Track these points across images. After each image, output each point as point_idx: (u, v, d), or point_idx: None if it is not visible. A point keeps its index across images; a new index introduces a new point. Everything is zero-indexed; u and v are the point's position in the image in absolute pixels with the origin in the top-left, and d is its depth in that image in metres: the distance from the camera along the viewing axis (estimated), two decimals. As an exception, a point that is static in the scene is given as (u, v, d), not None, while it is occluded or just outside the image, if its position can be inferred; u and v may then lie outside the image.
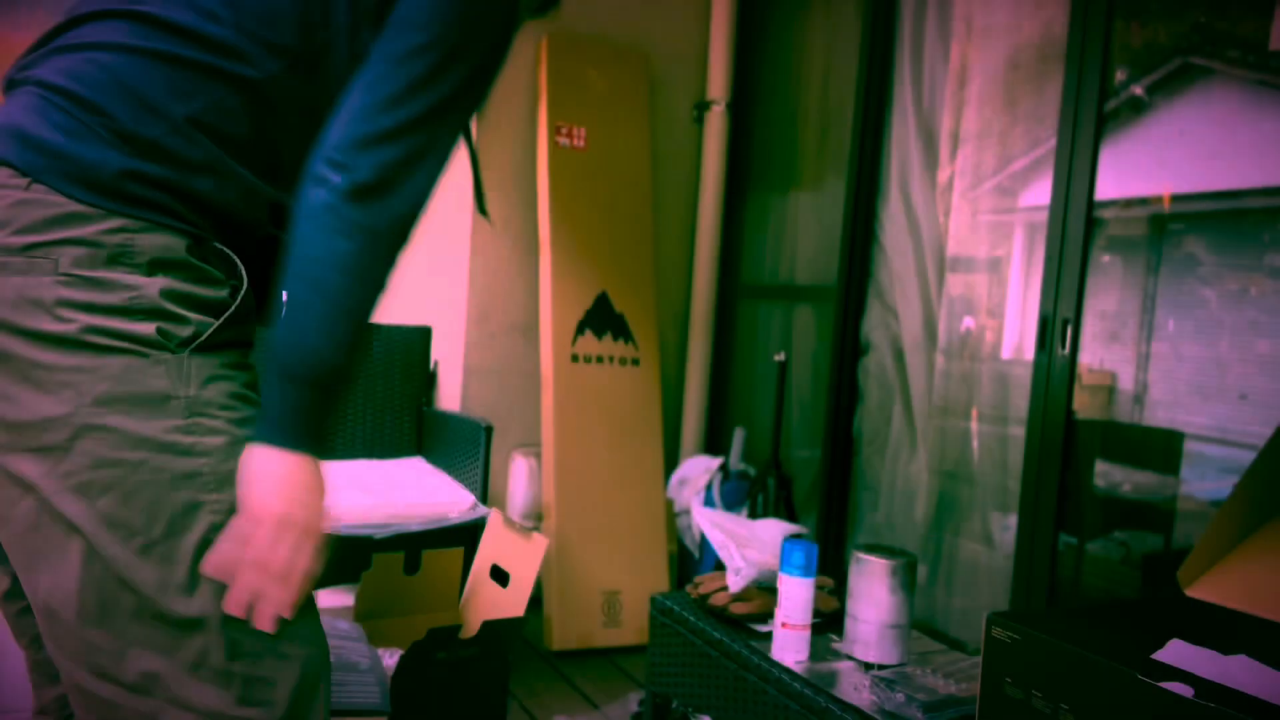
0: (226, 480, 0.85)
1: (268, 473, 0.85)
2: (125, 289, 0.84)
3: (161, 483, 0.82)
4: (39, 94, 0.89)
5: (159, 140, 0.87)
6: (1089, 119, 2.06)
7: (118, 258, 0.84)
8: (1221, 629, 1.13)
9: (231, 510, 0.84)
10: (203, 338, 0.87)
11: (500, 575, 1.82)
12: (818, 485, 2.90)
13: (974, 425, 2.47)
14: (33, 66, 0.93)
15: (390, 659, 1.53)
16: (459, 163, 1.64)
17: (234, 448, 0.86)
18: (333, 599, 2.78)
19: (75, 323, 0.82)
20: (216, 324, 0.88)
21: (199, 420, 0.85)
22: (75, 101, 0.87)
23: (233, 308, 0.91)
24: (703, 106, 3.31)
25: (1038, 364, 2.15)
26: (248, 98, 0.92)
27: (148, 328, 0.84)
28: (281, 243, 0.96)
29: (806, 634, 1.40)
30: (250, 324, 0.96)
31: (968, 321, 2.53)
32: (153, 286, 0.85)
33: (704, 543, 2.92)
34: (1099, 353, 2.11)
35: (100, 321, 0.82)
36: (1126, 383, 2.09)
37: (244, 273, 0.94)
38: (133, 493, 0.81)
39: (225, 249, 0.92)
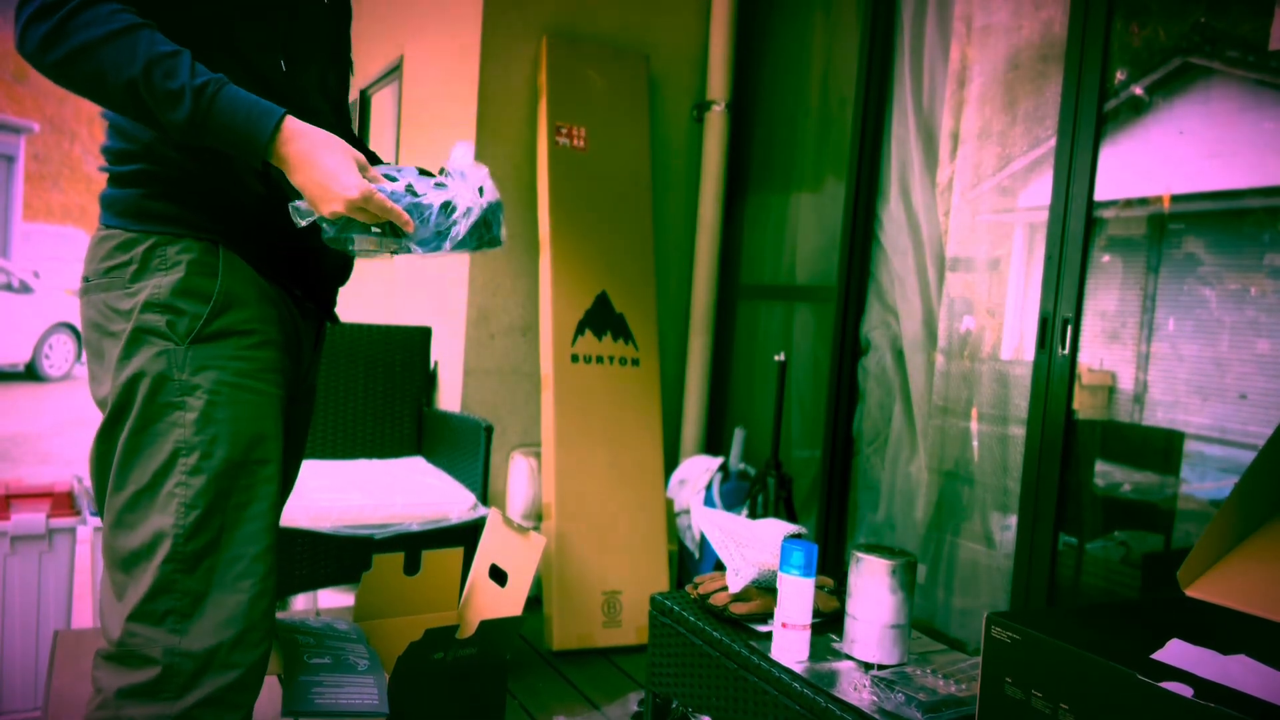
0: (196, 446, 1.15)
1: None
2: (151, 288, 1.15)
3: (154, 443, 1.14)
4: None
5: (138, 173, 1.18)
6: (1089, 119, 2.06)
7: (150, 264, 1.16)
8: (1221, 629, 1.13)
9: (199, 468, 1.14)
10: (195, 332, 1.16)
11: (499, 575, 1.82)
12: (818, 485, 2.90)
13: (974, 425, 2.46)
14: None
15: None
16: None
17: (202, 422, 1.16)
18: (333, 599, 2.78)
19: (126, 325, 1.15)
20: (206, 315, 1.17)
21: (185, 399, 1.15)
22: (107, 164, 1.22)
23: (214, 297, 1.18)
24: (703, 107, 3.31)
25: (1038, 364, 2.15)
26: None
27: (159, 319, 1.15)
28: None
29: (806, 634, 1.40)
30: (251, 309, 1.22)
31: (968, 321, 2.53)
32: (168, 283, 1.15)
33: (704, 543, 2.92)
34: (1099, 353, 2.11)
35: (134, 321, 1.15)
36: (1126, 383, 2.09)
37: (233, 268, 1.20)
38: (134, 448, 1.14)
39: (232, 254, 1.20)
